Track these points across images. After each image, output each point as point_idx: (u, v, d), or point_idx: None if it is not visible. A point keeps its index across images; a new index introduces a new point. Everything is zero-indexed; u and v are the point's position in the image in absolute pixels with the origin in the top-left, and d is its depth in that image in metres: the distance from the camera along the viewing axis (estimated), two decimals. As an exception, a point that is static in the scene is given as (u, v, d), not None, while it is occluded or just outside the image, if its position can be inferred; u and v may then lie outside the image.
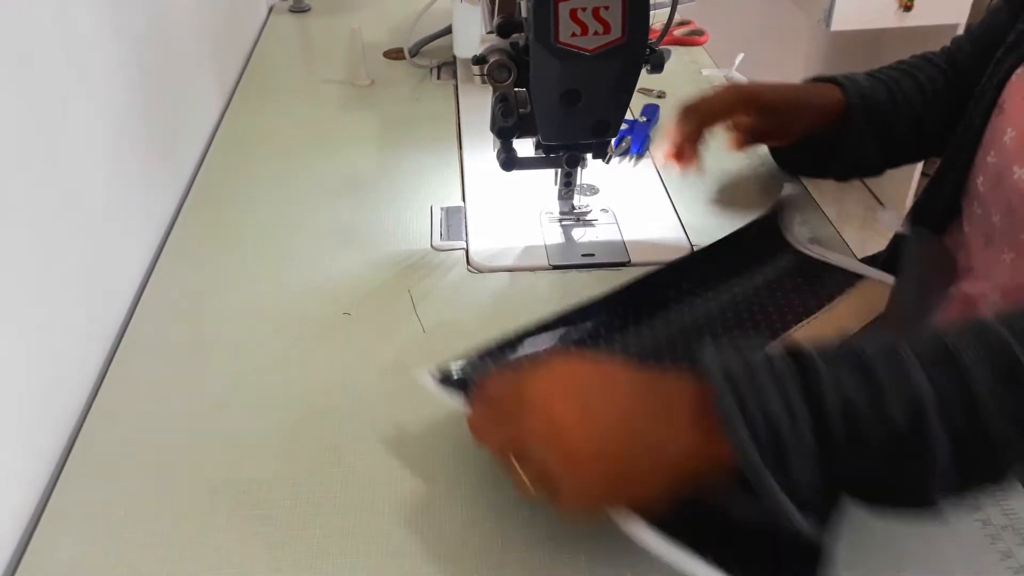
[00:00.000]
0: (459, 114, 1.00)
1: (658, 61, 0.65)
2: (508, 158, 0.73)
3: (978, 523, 0.51)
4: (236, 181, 0.86)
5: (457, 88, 1.07)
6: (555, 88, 0.64)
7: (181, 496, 0.53)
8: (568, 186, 0.78)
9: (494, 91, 0.68)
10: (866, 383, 0.40)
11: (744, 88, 0.78)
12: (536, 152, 0.73)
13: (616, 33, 0.60)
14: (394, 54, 1.16)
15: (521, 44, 0.65)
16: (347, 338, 0.65)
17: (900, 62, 0.82)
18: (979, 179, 0.68)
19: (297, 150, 0.92)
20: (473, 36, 1.02)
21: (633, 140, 0.90)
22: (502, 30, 0.64)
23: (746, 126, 0.79)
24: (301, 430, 0.58)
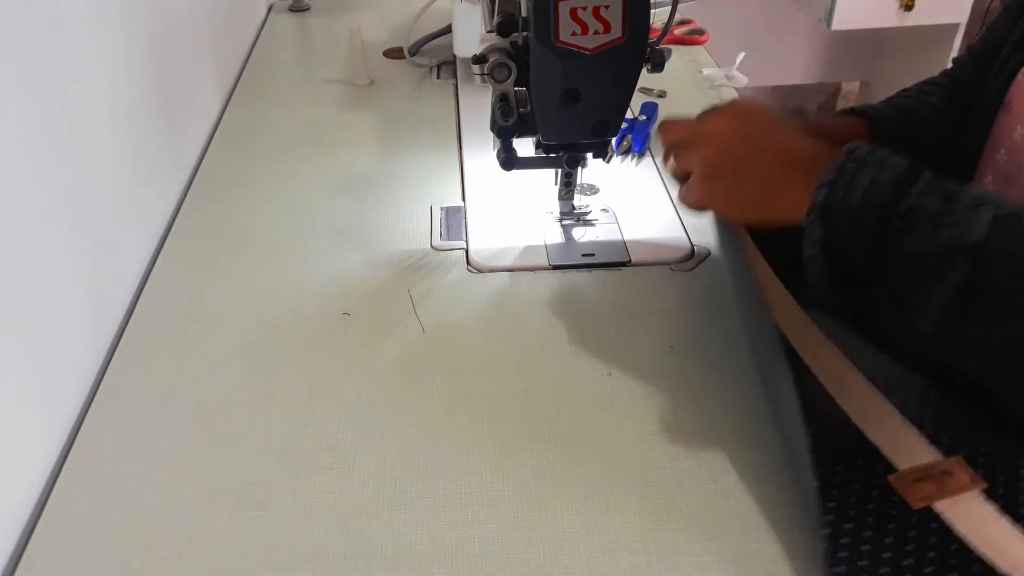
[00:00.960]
0: (459, 114, 1.00)
1: (658, 60, 0.65)
2: (508, 158, 0.73)
3: (979, 523, 0.50)
4: (235, 181, 0.86)
5: (457, 88, 1.07)
6: (555, 87, 0.64)
7: (181, 496, 0.53)
8: (568, 186, 0.77)
9: (494, 90, 0.68)
10: (941, 209, 0.46)
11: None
12: (536, 152, 0.73)
13: (616, 32, 0.60)
14: (394, 53, 1.16)
15: (521, 43, 0.65)
16: (347, 338, 0.65)
17: (906, 90, 0.81)
18: (988, 178, 0.68)
19: (297, 150, 0.92)
20: (473, 35, 1.01)
21: (634, 139, 0.90)
22: (502, 29, 0.64)
23: None
24: (301, 430, 0.58)
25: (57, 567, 0.49)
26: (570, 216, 0.79)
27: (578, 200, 0.79)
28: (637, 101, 0.99)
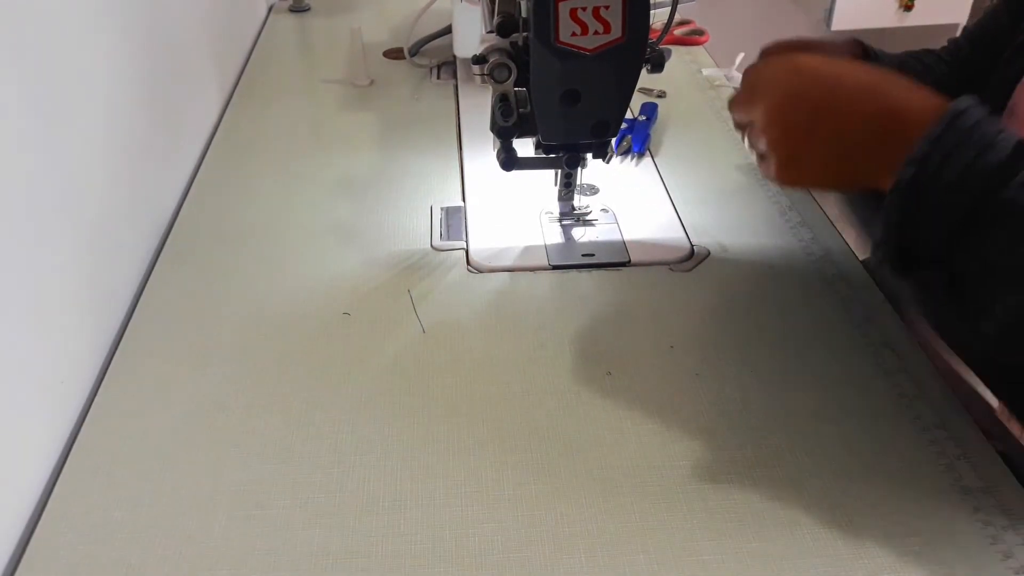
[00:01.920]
0: (459, 114, 1.00)
1: (658, 61, 0.65)
2: (508, 158, 0.73)
3: (978, 523, 0.51)
4: (236, 181, 0.86)
5: (457, 88, 1.07)
6: (555, 88, 0.64)
7: (181, 496, 0.53)
8: (568, 186, 0.78)
9: (494, 91, 0.68)
10: None
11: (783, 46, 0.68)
12: (536, 152, 0.73)
13: (616, 33, 0.60)
14: (394, 54, 1.16)
15: (521, 44, 0.65)
16: (347, 338, 0.65)
17: (903, 52, 0.81)
18: None
19: (297, 150, 0.92)
20: (473, 36, 1.01)
21: (634, 139, 0.90)
22: (502, 30, 0.64)
23: None
24: (300, 430, 0.58)
25: (57, 567, 0.49)
26: (570, 216, 0.79)
27: (578, 200, 0.79)
28: (637, 101, 0.99)
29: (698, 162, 0.89)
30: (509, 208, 0.81)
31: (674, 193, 0.83)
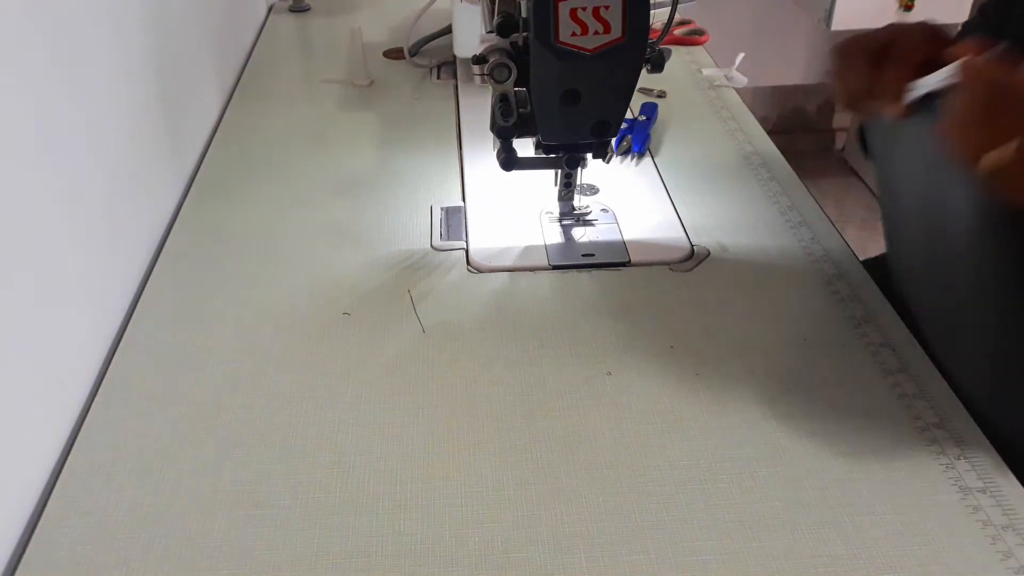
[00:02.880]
0: (459, 114, 1.00)
1: (658, 61, 0.65)
2: (508, 158, 0.73)
3: (978, 523, 0.51)
4: (236, 181, 0.86)
5: (457, 88, 1.07)
6: (555, 88, 0.64)
7: (181, 496, 0.53)
8: (568, 186, 0.78)
9: (494, 91, 0.68)
10: None
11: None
12: (536, 152, 0.73)
13: (616, 33, 0.60)
14: (394, 54, 1.16)
15: (521, 44, 0.65)
16: (347, 338, 0.65)
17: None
18: None
19: (297, 150, 0.92)
20: (473, 36, 1.02)
21: (634, 139, 0.90)
22: (502, 30, 0.64)
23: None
24: (301, 430, 0.58)
25: (57, 567, 0.49)
26: (570, 216, 0.79)
27: (578, 200, 0.79)
28: (637, 101, 0.99)
29: (698, 162, 0.89)
30: (509, 208, 0.81)
31: (674, 193, 0.83)
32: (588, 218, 0.79)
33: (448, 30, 1.09)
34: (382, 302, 0.69)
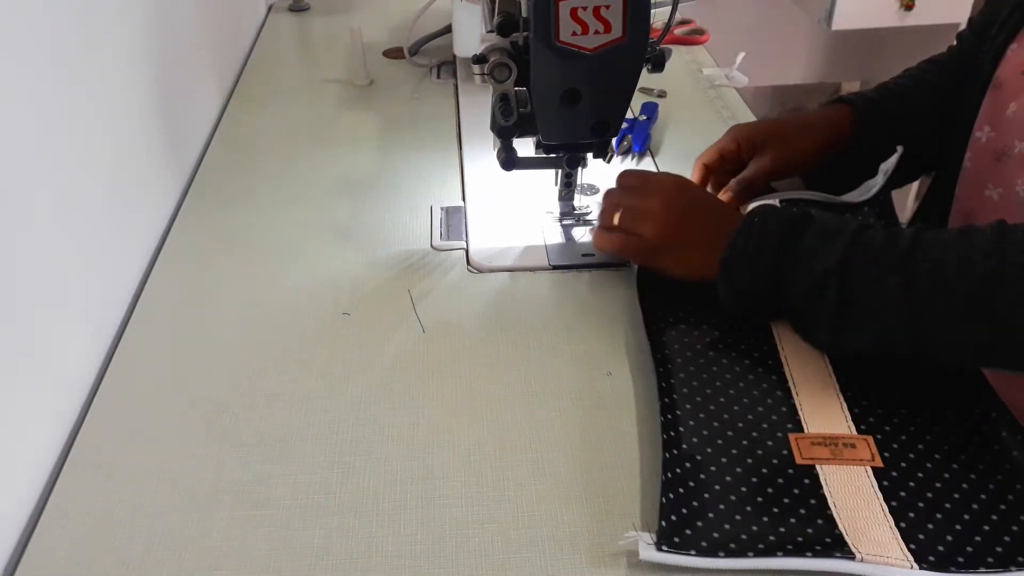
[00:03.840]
0: (459, 114, 1.00)
1: (659, 60, 0.65)
2: (508, 158, 0.73)
3: (979, 523, 0.50)
4: (235, 181, 0.86)
5: (457, 88, 1.07)
6: (555, 87, 0.64)
7: (181, 496, 0.53)
8: (568, 186, 0.77)
9: (494, 90, 0.68)
10: (817, 248, 0.57)
11: (738, 134, 0.78)
12: (536, 152, 0.73)
13: (617, 32, 0.60)
14: (394, 53, 1.16)
15: (521, 43, 0.65)
16: (347, 338, 0.65)
17: (908, 70, 0.81)
18: (967, 155, 0.69)
19: (297, 150, 0.92)
20: (473, 35, 1.01)
21: (634, 139, 0.90)
22: (502, 29, 0.64)
23: (749, 174, 0.77)
24: (301, 430, 0.58)
25: (57, 567, 0.49)
26: (570, 216, 0.79)
27: (578, 200, 0.79)
28: (637, 101, 0.99)
29: (698, 162, 0.89)
30: (509, 208, 0.81)
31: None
32: (588, 218, 0.79)
33: (448, 30, 1.09)
34: (382, 302, 0.69)
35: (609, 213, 0.68)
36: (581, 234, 0.77)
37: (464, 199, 0.83)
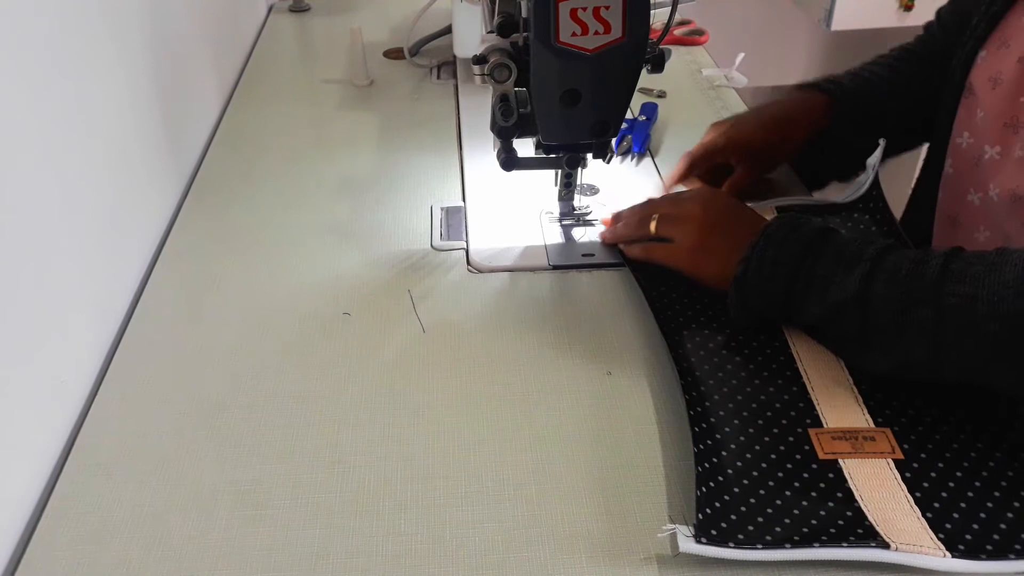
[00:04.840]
0: (459, 114, 1.00)
1: (658, 61, 0.65)
2: (508, 158, 0.73)
3: (978, 523, 0.51)
4: (236, 181, 0.86)
5: (457, 88, 1.07)
6: (555, 88, 0.64)
7: (181, 496, 0.53)
8: (568, 187, 0.77)
9: (494, 91, 0.68)
10: (839, 280, 0.56)
11: (725, 135, 0.80)
12: (536, 152, 0.73)
13: (616, 33, 0.60)
14: (394, 54, 1.16)
15: (521, 44, 0.65)
16: (347, 338, 0.65)
17: (880, 56, 0.83)
18: (948, 161, 0.70)
19: (297, 150, 0.92)
20: (473, 36, 1.02)
21: (634, 139, 0.90)
22: (502, 30, 0.64)
23: (739, 177, 0.80)
24: (301, 430, 0.58)
25: (57, 567, 0.49)
26: (570, 216, 0.79)
27: (578, 200, 0.79)
28: (637, 101, 0.99)
29: (698, 162, 0.89)
30: (509, 208, 0.81)
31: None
32: (588, 218, 0.79)
33: (448, 30, 1.09)
34: (382, 302, 0.69)
35: (641, 222, 0.69)
36: (581, 234, 0.77)
37: (464, 199, 0.83)
